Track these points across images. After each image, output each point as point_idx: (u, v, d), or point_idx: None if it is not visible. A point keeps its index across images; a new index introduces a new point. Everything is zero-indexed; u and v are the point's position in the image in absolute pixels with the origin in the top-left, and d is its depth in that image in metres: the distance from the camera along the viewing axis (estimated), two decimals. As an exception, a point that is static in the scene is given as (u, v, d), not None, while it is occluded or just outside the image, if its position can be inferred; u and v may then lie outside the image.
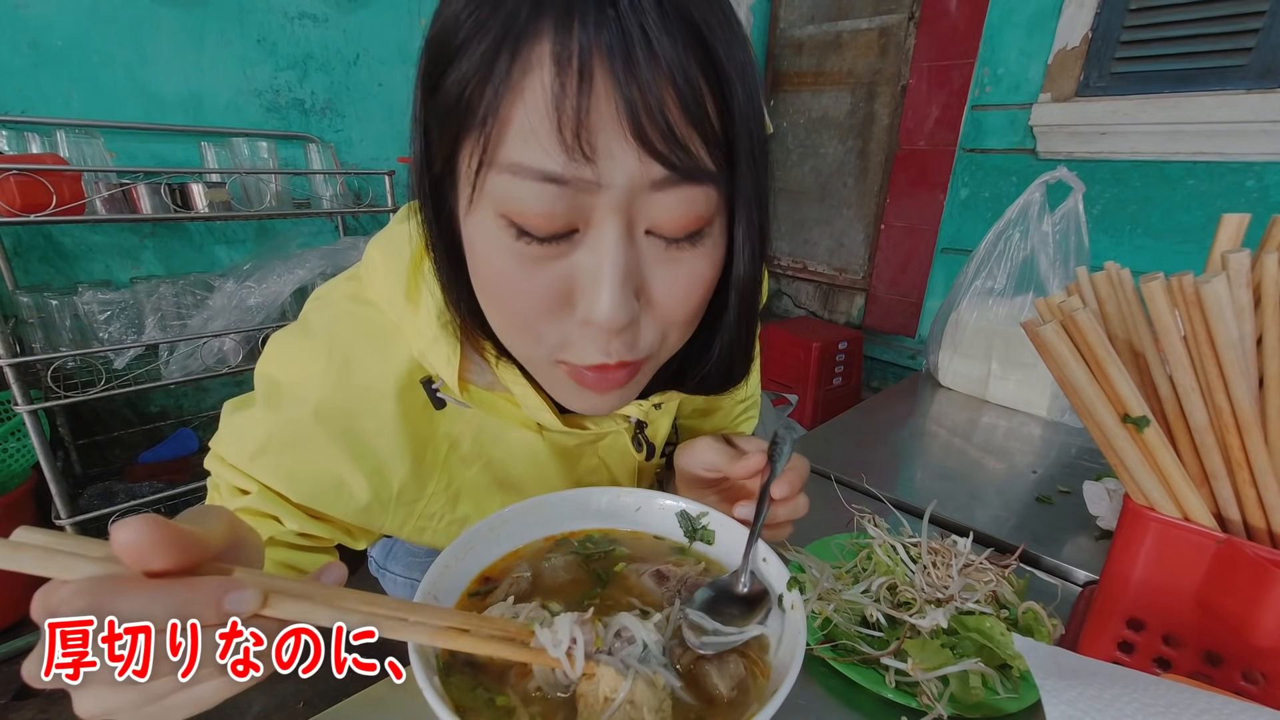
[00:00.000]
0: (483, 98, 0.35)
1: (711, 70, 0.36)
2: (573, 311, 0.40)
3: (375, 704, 0.51)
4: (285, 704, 1.43)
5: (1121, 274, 0.46)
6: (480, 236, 0.40)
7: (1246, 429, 0.40)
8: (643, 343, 0.43)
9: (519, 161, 0.35)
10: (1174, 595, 0.44)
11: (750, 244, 0.43)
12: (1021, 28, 2.00)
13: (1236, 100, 1.62)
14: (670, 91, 0.34)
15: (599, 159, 0.34)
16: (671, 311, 0.42)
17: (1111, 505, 0.77)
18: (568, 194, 0.35)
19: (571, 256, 0.39)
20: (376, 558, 0.87)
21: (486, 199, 0.38)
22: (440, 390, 0.53)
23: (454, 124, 0.37)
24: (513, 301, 0.41)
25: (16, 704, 1.41)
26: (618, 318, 0.38)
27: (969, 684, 0.48)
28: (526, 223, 0.37)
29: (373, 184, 1.97)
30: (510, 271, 0.39)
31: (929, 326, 1.51)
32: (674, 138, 0.35)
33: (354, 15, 1.98)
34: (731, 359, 0.52)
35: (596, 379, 0.44)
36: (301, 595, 0.29)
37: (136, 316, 1.56)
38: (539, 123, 0.34)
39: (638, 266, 0.39)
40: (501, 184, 0.36)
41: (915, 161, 2.34)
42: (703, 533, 0.50)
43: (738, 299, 0.47)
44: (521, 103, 0.34)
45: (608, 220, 0.37)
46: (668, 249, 0.40)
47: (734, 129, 0.38)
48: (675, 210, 0.38)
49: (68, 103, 1.60)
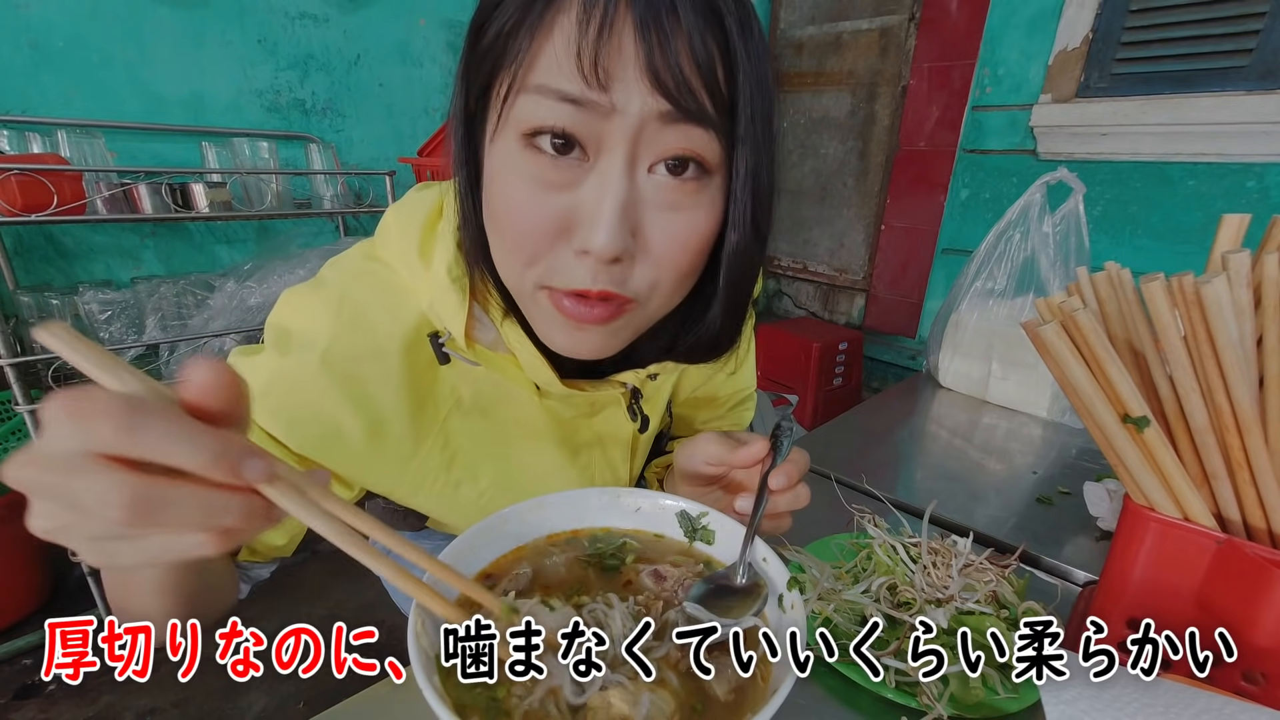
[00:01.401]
0: (517, 37, 0.40)
1: (725, 48, 0.40)
2: (569, 240, 0.43)
3: (375, 704, 0.51)
4: (285, 704, 1.43)
5: (1122, 274, 0.46)
6: (500, 162, 0.43)
7: (1247, 429, 0.40)
8: (632, 282, 0.45)
9: (543, 83, 0.39)
10: (1174, 595, 0.44)
11: (744, 212, 0.46)
12: (1022, 29, 2.00)
13: (1237, 101, 1.63)
14: (685, 49, 0.39)
15: (613, 88, 0.39)
16: (664, 256, 0.45)
17: (1112, 506, 0.77)
18: (583, 116, 0.39)
19: (577, 190, 0.42)
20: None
21: (512, 122, 0.42)
22: (446, 345, 0.54)
23: (491, 61, 0.42)
24: (518, 224, 0.44)
25: (17, 704, 1.42)
26: (612, 244, 0.41)
27: (969, 684, 0.48)
28: (543, 128, 0.40)
29: (373, 184, 1.97)
30: (522, 196, 0.43)
31: (929, 327, 1.51)
32: (683, 81, 0.39)
33: (355, 15, 1.98)
34: (722, 328, 0.53)
35: (576, 310, 0.45)
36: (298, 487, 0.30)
37: (137, 316, 1.56)
38: (563, 52, 0.38)
39: (637, 203, 0.42)
40: (526, 104, 0.41)
41: (916, 162, 2.34)
42: (703, 533, 0.50)
43: (728, 264, 0.48)
44: (549, 37, 0.39)
45: (615, 150, 0.41)
46: (669, 190, 0.43)
47: (738, 100, 0.41)
48: (677, 142, 0.41)
49: (69, 103, 1.60)
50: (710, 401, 0.80)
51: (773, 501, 0.49)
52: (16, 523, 1.34)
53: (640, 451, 0.72)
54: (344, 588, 1.78)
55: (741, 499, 0.49)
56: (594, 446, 0.66)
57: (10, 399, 1.37)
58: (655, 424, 0.70)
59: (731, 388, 0.79)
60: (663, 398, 0.70)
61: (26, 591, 1.58)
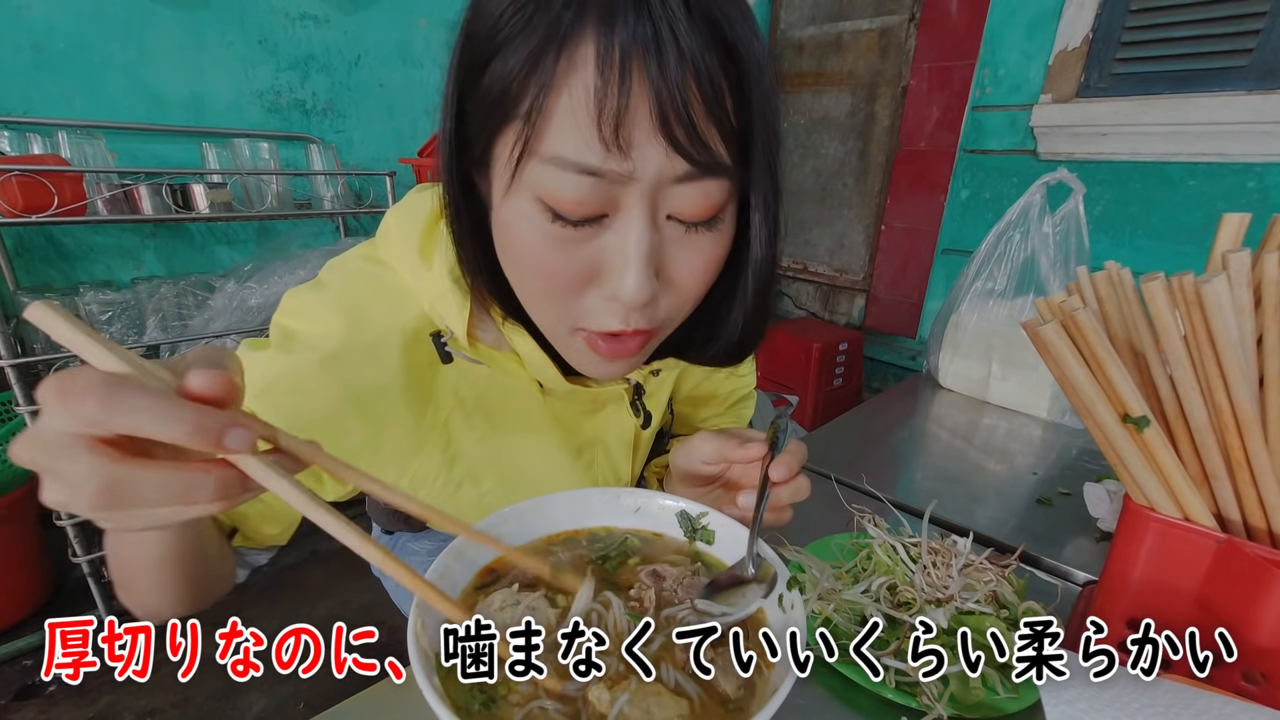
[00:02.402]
0: (527, 93, 0.38)
1: (731, 65, 0.39)
2: (598, 286, 0.44)
3: (375, 704, 0.51)
4: (285, 704, 1.43)
5: (1122, 274, 0.46)
6: (516, 219, 0.43)
7: (1247, 429, 0.40)
8: (658, 316, 0.47)
9: (560, 155, 0.38)
10: (1174, 595, 0.44)
11: (765, 227, 0.47)
12: (1022, 29, 2.00)
13: (1237, 101, 1.63)
14: (694, 89, 0.37)
15: (631, 150, 0.38)
16: (685, 287, 0.46)
17: (1112, 507, 0.77)
18: (602, 184, 0.39)
19: (600, 238, 0.42)
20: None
21: (525, 185, 0.41)
22: (448, 344, 0.55)
23: (497, 115, 0.41)
24: (545, 278, 0.44)
25: (17, 704, 1.42)
26: (642, 295, 0.42)
27: (969, 684, 0.48)
28: (561, 208, 0.40)
29: (374, 185, 1.97)
30: (543, 251, 0.43)
31: (929, 327, 1.51)
32: (696, 135, 0.38)
33: (355, 16, 1.99)
34: (744, 333, 0.55)
35: (610, 348, 0.47)
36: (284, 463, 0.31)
37: (138, 317, 1.56)
38: (582, 119, 0.37)
39: (659, 249, 0.43)
40: (542, 173, 0.40)
41: (916, 162, 2.34)
42: (703, 533, 0.50)
43: (754, 279, 0.50)
44: (566, 99, 0.37)
45: (635, 208, 0.41)
46: (686, 233, 0.44)
47: (750, 121, 0.41)
48: (694, 199, 0.42)
49: (69, 104, 1.60)
50: (710, 399, 0.80)
51: (774, 493, 0.49)
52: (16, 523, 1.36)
53: (642, 449, 0.72)
54: (344, 588, 1.78)
55: (744, 495, 0.50)
56: (596, 445, 0.66)
57: (11, 399, 1.37)
58: (657, 421, 0.70)
59: (732, 385, 0.80)
60: (664, 394, 0.70)
61: (26, 592, 1.58)
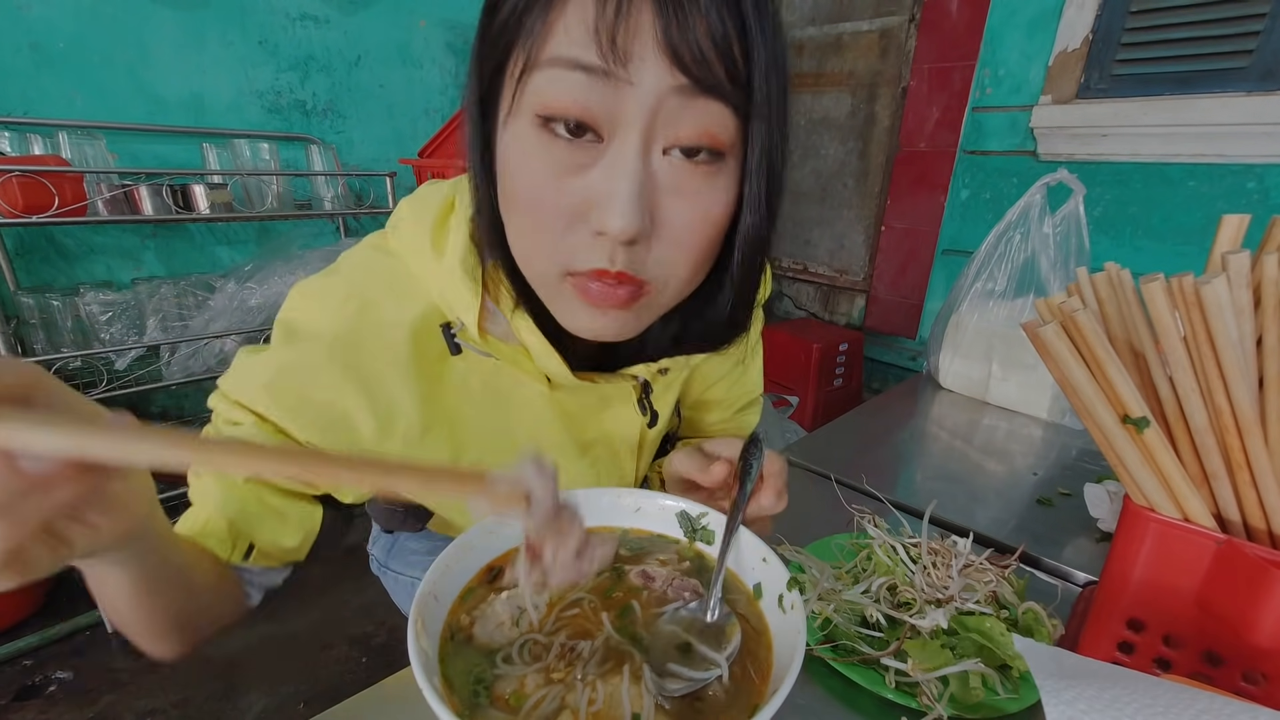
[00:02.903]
0: (531, 14, 0.40)
1: (742, 26, 0.40)
2: (586, 221, 0.43)
3: (375, 704, 0.51)
4: (285, 704, 1.43)
5: (1122, 275, 0.46)
6: (514, 147, 0.43)
7: (1246, 430, 0.40)
8: (649, 266, 0.45)
9: (557, 54, 0.39)
10: (1174, 596, 0.44)
11: (760, 192, 0.46)
12: (1022, 30, 2.00)
13: (1237, 102, 1.62)
14: (703, 25, 0.38)
15: (630, 60, 0.38)
16: (679, 239, 0.45)
17: (1112, 507, 0.77)
18: (597, 86, 0.39)
19: (592, 172, 0.42)
20: (378, 556, 0.87)
21: (525, 103, 0.41)
22: (458, 335, 0.54)
23: (504, 40, 0.42)
24: (535, 209, 0.44)
25: (17, 704, 1.42)
26: (628, 227, 0.41)
27: (969, 684, 0.48)
28: (556, 110, 0.40)
29: (374, 185, 1.97)
30: (537, 180, 0.42)
31: (929, 328, 1.51)
32: (701, 56, 0.39)
33: (355, 17, 1.99)
34: (733, 309, 0.54)
35: (600, 292, 0.45)
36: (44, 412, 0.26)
37: (138, 317, 1.57)
38: (577, 25, 0.38)
39: (652, 185, 0.42)
40: (540, 81, 0.40)
41: (916, 163, 2.34)
42: (702, 533, 0.50)
43: (743, 246, 0.48)
44: (564, 12, 0.39)
45: (630, 130, 0.40)
46: (684, 173, 0.43)
47: (754, 76, 0.41)
48: (693, 123, 0.41)
49: (70, 104, 1.60)
50: (717, 404, 0.80)
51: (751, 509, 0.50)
52: (17, 523, 1.32)
53: (647, 450, 0.72)
54: (344, 588, 1.78)
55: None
56: (601, 444, 0.66)
57: (11, 400, 1.37)
58: (664, 422, 0.70)
59: (739, 391, 0.80)
60: (672, 396, 0.70)
61: (26, 592, 1.58)
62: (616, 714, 0.36)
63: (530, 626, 0.41)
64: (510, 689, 0.37)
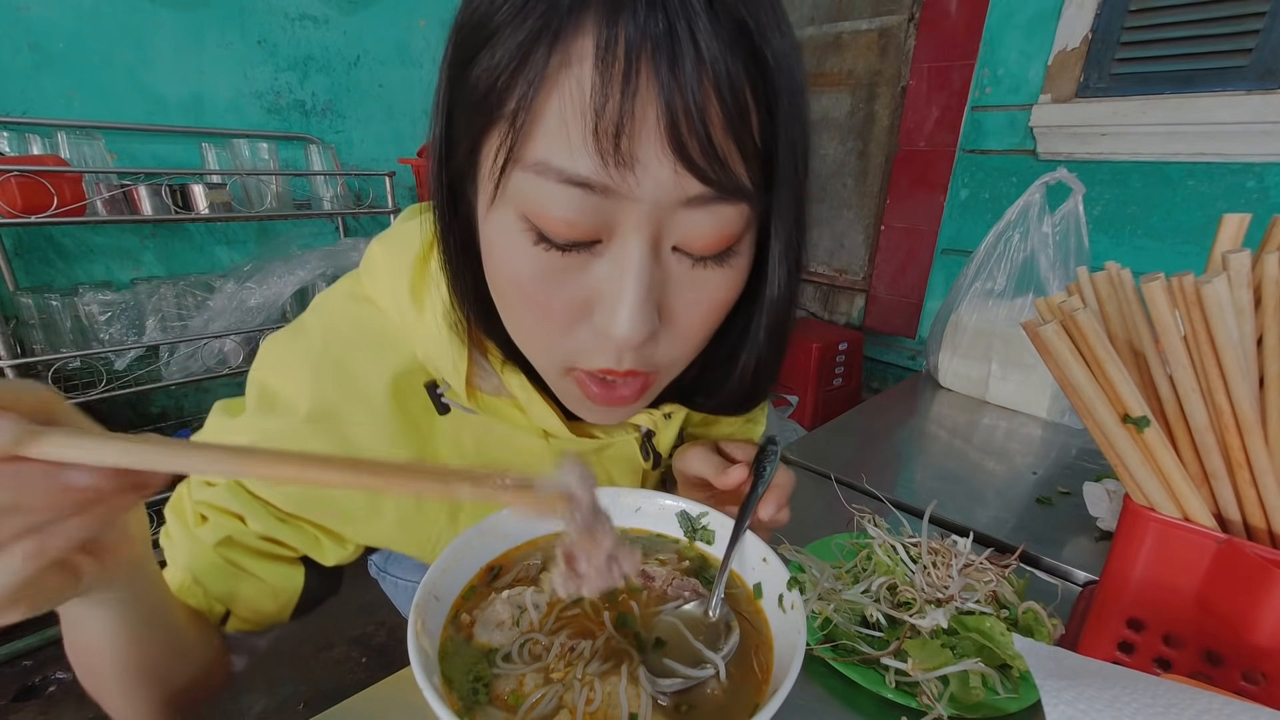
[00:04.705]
0: (514, 89, 0.33)
1: (759, 76, 0.33)
2: (590, 320, 0.39)
3: (375, 704, 0.51)
4: (285, 704, 1.43)
5: (1122, 274, 0.46)
6: (500, 238, 0.38)
7: (1247, 429, 0.40)
8: (657, 358, 0.42)
9: (545, 161, 0.33)
10: (1174, 595, 0.44)
11: (786, 264, 0.41)
12: (1021, 29, 2.00)
13: (1237, 101, 1.62)
14: (713, 99, 0.32)
15: (634, 165, 0.32)
16: (689, 330, 0.41)
17: (1112, 506, 0.77)
18: (594, 201, 0.33)
19: (593, 267, 0.37)
20: (377, 561, 0.87)
21: (509, 198, 0.36)
22: (445, 396, 0.51)
23: (482, 115, 0.35)
24: (529, 309, 0.39)
25: (17, 704, 1.41)
26: (637, 334, 0.36)
27: (969, 684, 0.48)
28: (546, 227, 0.35)
29: (373, 185, 1.97)
30: (528, 277, 0.37)
31: (929, 328, 1.51)
32: (713, 151, 0.32)
33: (354, 16, 1.99)
34: (757, 380, 0.50)
35: (603, 394, 0.42)
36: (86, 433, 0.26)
37: (137, 317, 1.57)
38: (573, 121, 0.32)
39: (661, 282, 0.37)
40: (526, 184, 0.34)
41: (915, 162, 2.34)
42: (702, 533, 0.50)
43: (770, 320, 0.44)
44: (557, 98, 0.32)
45: (634, 234, 0.35)
46: (693, 268, 0.38)
47: (776, 143, 0.36)
48: (706, 228, 0.36)
49: (69, 104, 1.60)
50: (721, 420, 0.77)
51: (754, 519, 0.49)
52: (16, 524, 1.32)
53: (650, 483, 0.70)
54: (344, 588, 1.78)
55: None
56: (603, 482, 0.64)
57: (10, 400, 1.37)
58: (666, 458, 0.67)
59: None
60: (674, 431, 0.66)
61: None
62: (614, 714, 0.36)
63: (530, 626, 0.41)
64: (510, 688, 0.37)
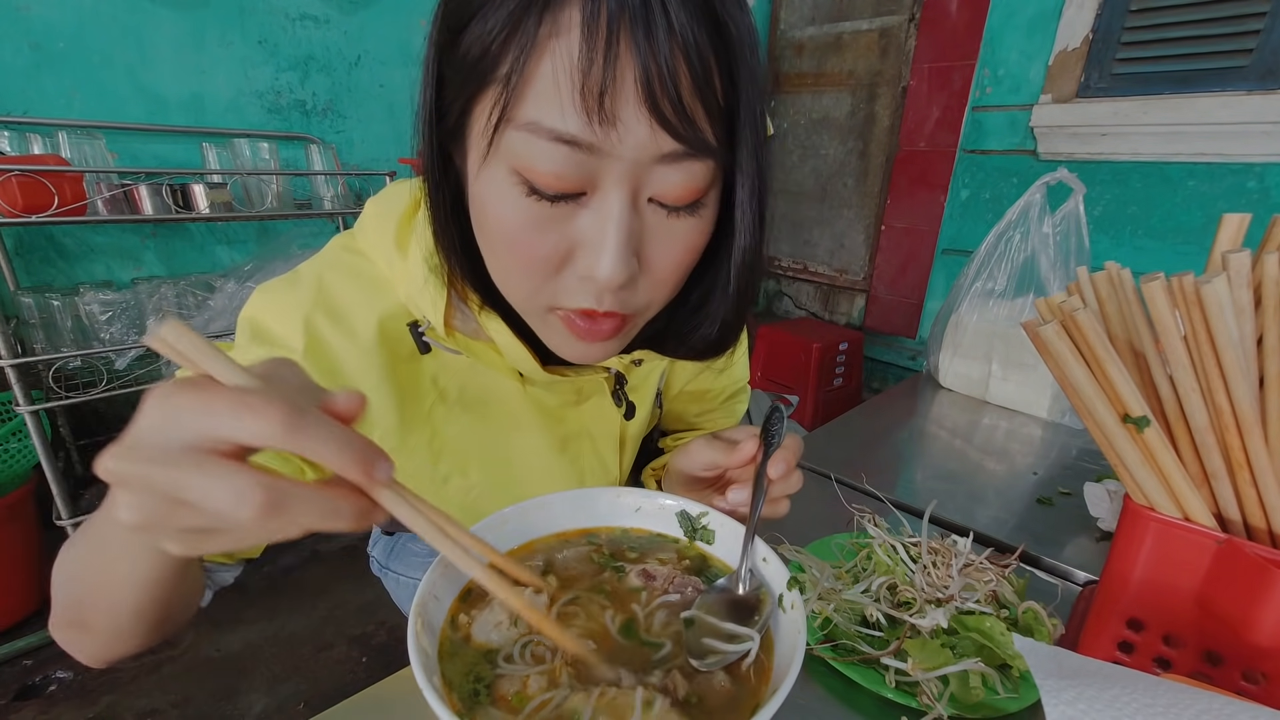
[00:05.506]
0: (507, 55, 0.36)
1: (721, 45, 0.37)
2: (573, 265, 0.43)
3: (375, 704, 0.51)
4: (285, 704, 1.43)
5: (1122, 274, 0.46)
6: (492, 192, 0.41)
7: (1247, 429, 0.40)
8: (635, 300, 0.46)
9: (538, 121, 0.37)
10: (1174, 595, 0.44)
11: (751, 213, 0.45)
12: (1022, 29, 2.00)
13: (1237, 101, 1.63)
14: (682, 63, 0.36)
15: (615, 128, 0.36)
16: (663, 274, 0.45)
17: (1112, 506, 0.77)
18: (579, 157, 0.37)
19: (578, 217, 0.41)
20: (378, 558, 0.87)
21: (501, 155, 0.39)
22: (426, 334, 0.54)
23: (474, 78, 0.39)
24: (519, 256, 0.43)
25: (17, 704, 1.42)
26: (618, 276, 0.41)
27: (969, 684, 0.48)
28: (537, 180, 0.39)
29: (374, 185, 1.97)
30: (519, 226, 0.41)
31: (929, 328, 1.51)
32: (683, 110, 0.37)
33: (355, 16, 1.99)
34: (723, 327, 0.54)
35: (587, 328, 0.46)
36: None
37: (138, 317, 1.57)
38: (563, 84, 0.35)
39: (639, 231, 0.42)
40: (518, 142, 0.38)
41: (916, 162, 2.34)
42: (703, 532, 0.50)
43: (736, 269, 0.48)
44: (548, 63, 0.35)
45: (615, 187, 0.39)
46: (667, 218, 0.42)
47: (738, 104, 0.40)
48: (678, 182, 0.40)
49: (69, 104, 1.60)
50: (703, 395, 0.79)
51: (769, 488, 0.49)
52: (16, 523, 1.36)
53: (630, 445, 0.72)
54: (344, 588, 1.78)
55: (732, 491, 0.50)
56: (581, 438, 0.66)
57: (11, 400, 1.37)
58: (644, 414, 0.69)
59: (724, 381, 0.79)
60: (650, 387, 0.69)
61: (26, 592, 1.58)
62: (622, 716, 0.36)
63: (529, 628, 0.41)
64: (513, 689, 0.37)
